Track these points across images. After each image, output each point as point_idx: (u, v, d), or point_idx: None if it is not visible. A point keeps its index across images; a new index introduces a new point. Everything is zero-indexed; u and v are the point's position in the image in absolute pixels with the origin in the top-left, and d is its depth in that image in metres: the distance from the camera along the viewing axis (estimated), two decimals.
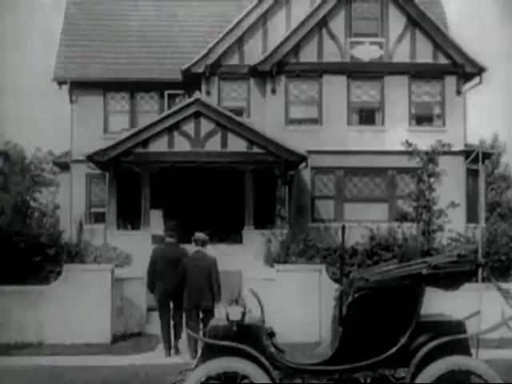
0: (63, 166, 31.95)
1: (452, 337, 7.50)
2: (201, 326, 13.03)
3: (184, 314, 13.44)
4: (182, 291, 13.39)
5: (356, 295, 7.55)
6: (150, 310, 16.46)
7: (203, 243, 13.61)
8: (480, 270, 7.96)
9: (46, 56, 34.50)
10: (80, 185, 30.59)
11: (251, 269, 17.78)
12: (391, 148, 27.59)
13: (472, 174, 29.76)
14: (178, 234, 14.47)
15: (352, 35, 29.58)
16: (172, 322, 14.03)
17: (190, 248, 14.31)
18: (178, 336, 13.94)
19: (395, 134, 27.93)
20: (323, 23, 29.48)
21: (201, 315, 13.37)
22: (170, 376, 9.11)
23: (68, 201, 30.93)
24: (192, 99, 26.86)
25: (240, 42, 29.92)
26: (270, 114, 29.31)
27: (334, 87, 29.35)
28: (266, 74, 29.40)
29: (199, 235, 13.68)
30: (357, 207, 28.84)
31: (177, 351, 13.79)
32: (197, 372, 7.47)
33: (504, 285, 13.89)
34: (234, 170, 26.38)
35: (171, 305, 13.97)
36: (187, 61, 29.77)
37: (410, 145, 21.56)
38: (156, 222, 27.29)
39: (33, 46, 63.80)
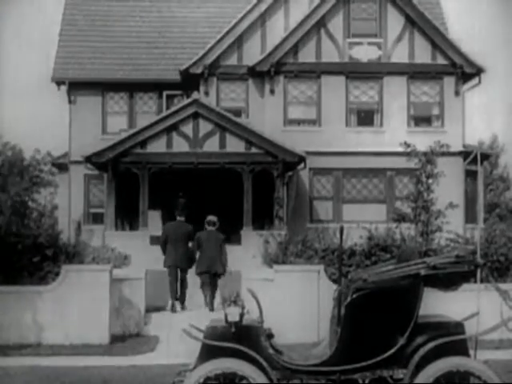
0: (62, 166, 31.95)
1: (451, 338, 7.49)
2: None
3: (200, 277, 16.82)
4: (189, 259, 16.96)
5: (354, 296, 7.54)
6: (148, 310, 16.45)
7: (214, 224, 17.02)
8: (478, 271, 7.96)
9: (45, 57, 34.49)
10: (78, 185, 30.59)
11: (250, 269, 17.75)
12: (390, 149, 27.59)
13: (470, 175, 29.77)
14: (186, 213, 17.77)
15: (350, 36, 29.60)
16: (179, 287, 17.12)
17: None
18: (183, 298, 16.96)
19: (394, 135, 27.94)
20: (322, 24, 29.50)
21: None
22: (168, 377, 9.10)
23: (66, 201, 30.93)
24: (190, 100, 26.87)
25: (238, 42, 29.93)
26: (268, 114, 29.32)
27: (333, 88, 29.37)
28: (264, 74, 29.41)
29: (211, 218, 17.15)
30: (355, 208, 28.85)
31: (183, 308, 16.82)
32: (195, 373, 7.47)
33: (503, 286, 13.90)
34: (233, 170, 26.38)
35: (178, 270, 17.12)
36: (186, 61, 29.79)
37: (408, 146, 21.52)
38: (154, 223, 27.28)
39: (31, 47, 63.82)
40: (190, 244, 17.14)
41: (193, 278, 17.42)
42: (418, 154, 21.30)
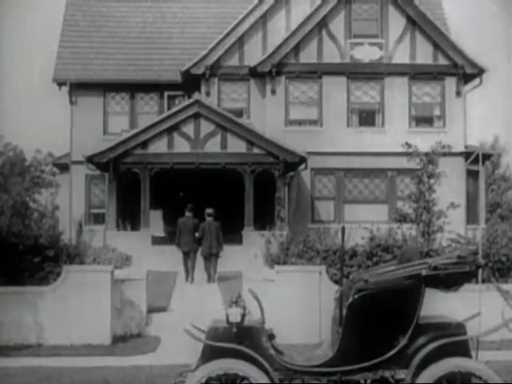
0: (63, 167, 31.96)
1: (452, 338, 7.48)
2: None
3: (203, 258, 21.48)
4: (195, 245, 21.59)
5: (356, 296, 7.53)
6: (149, 311, 16.44)
7: (211, 215, 21.64)
8: (480, 271, 7.97)
9: (46, 57, 34.49)
10: (80, 186, 30.59)
11: (251, 270, 17.75)
12: (391, 149, 27.60)
13: (472, 175, 29.75)
14: (194, 211, 22.06)
15: (352, 36, 29.60)
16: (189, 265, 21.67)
17: None
18: (193, 274, 21.46)
19: (395, 136, 27.94)
20: (323, 24, 29.50)
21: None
22: (169, 377, 9.10)
23: (67, 202, 30.93)
24: (192, 100, 26.88)
25: (240, 42, 29.94)
26: (269, 115, 29.32)
27: (334, 88, 29.37)
28: (265, 74, 29.41)
29: (209, 210, 21.71)
30: (357, 208, 28.85)
31: (192, 280, 21.31)
32: (197, 373, 7.46)
33: (504, 286, 13.89)
34: (234, 171, 26.39)
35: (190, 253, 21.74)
36: (187, 62, 29.79)
37: (409, 146, 21.52)
38: (156, 223, 27.30)
39: (32, 48, 63.86)
40: (197, 234, 21.58)
41: (199, 259, 21.60)
42: (420, 155, 21.30)
